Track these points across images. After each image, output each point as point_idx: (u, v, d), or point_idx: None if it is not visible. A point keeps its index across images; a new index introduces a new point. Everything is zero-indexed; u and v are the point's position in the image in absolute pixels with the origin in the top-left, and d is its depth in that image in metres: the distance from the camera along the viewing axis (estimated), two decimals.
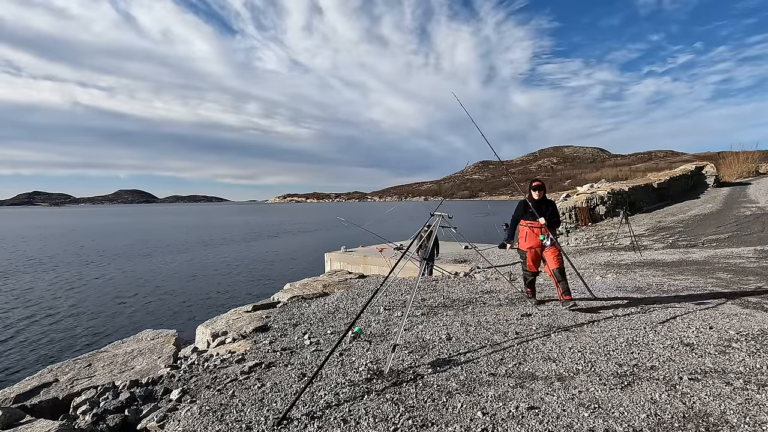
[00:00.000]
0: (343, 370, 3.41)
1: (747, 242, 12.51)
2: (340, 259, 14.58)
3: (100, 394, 3.34)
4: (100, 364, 4.15)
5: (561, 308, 5.24)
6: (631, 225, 14.92)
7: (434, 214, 4.12)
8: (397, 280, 7.78)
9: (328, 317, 5.27)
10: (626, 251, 12.63)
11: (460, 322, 4.65)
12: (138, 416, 2.90)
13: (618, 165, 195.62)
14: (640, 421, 2.40)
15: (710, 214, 20.05)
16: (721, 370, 3.09)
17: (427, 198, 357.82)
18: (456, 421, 2.50)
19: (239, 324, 5.17)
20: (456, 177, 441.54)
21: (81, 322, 13.50)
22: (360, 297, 6.40)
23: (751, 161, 38.74)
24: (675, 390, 2.77)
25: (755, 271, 8.00)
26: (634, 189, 24.77)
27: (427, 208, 4.59)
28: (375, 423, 2.53)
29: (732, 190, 28.00)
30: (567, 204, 22.98)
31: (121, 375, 3.83)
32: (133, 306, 15.53)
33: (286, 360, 3.75)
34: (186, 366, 3.80)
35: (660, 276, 7.96)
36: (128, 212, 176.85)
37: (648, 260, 10.41)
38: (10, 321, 13.56)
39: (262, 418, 2.67)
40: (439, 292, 6.54)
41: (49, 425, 2.76)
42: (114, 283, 19.99)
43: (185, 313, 14.41)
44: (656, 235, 16.20)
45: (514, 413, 2.55)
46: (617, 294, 6.21)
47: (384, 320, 4.94)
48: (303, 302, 6.23)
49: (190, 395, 3.09)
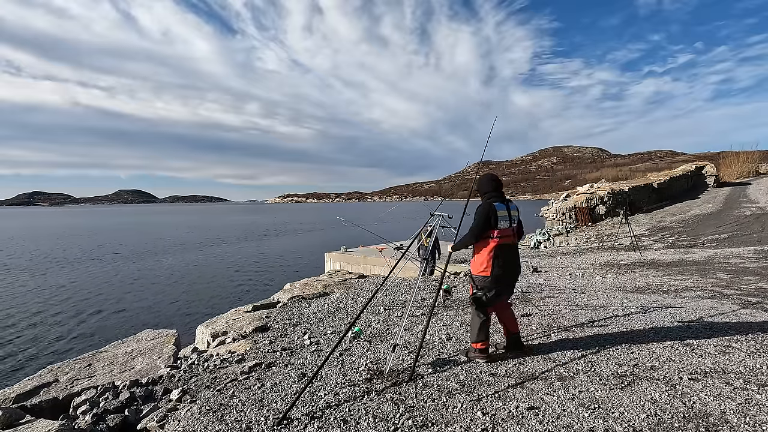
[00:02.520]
0: (343, 370, 3.41)
1: (747, 242, 12.51)
2: (340, 259, 14.57)
3: (100, 394, 3.34)
4: (100, 364, 4.15)
5: (561, 308, 5.24)
6: (631, 225, 14.92)
7: (434, 214, 4.12)
8: (397, 280, 7.78)
9: (328, 317, 5.27)
10: (626, 251, 12.63)
11: (460, 322, 4.65)
12: (138, 416, 2.90)
13: (618, 165, 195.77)
14: (640, 421, 2.40)
15: (710, 214, 20.05)
16: (721, 370, 3.08)
17: (427, 198, 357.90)
18: (456, 421, 2.50)
19: (239, 324, 5.17)
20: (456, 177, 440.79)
21: (81, 322, 13.50)
22: (360, 297, 6.40)
23: (751, 161, 38.76)
24: (675, 390, 2.77)
25: (755, 271, 8.00)
26: (634, 189, 24.78)
27: (427, 208, 4.59)
28: (375, 423, 2.53)
29: (732, 190, 28.00)
30: (567, 204, 22.98)
31: (121, 375, 3.83)
32: (133, 306, 15.53)
33: (286, 360, 3.75)
34: (186, 366, 3.80)
35: (660, 276, 7.96)
36: (128, 212, 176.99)
37: (648, 260, 10.41)
38: (10, 321, 13.56)
39: (262, 418, 2.67)
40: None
41: (49, 425, 2.76)
42: (114, 283, 19.99)
43: (185, 313, 14.41)
44: (656, 235, 16.20)
45: (514, 413, 2.55)
46: (617, 294, 6.21)
47: (384, 320, 4.94)
48: (303, 302, 6.23)
49: (190, 395, 3.09)
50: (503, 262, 3.28)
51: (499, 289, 3.32)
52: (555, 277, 8.24)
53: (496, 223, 3.27)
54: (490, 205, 3.31)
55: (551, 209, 23.19)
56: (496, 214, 3.28)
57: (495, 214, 3.27)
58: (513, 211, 3.41)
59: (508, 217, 3.33)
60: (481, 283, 3.32)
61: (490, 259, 3.27)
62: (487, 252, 3.29)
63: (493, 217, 3.27)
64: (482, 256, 3.32)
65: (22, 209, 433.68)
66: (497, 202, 3.35)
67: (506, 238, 3.32)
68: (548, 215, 22.98)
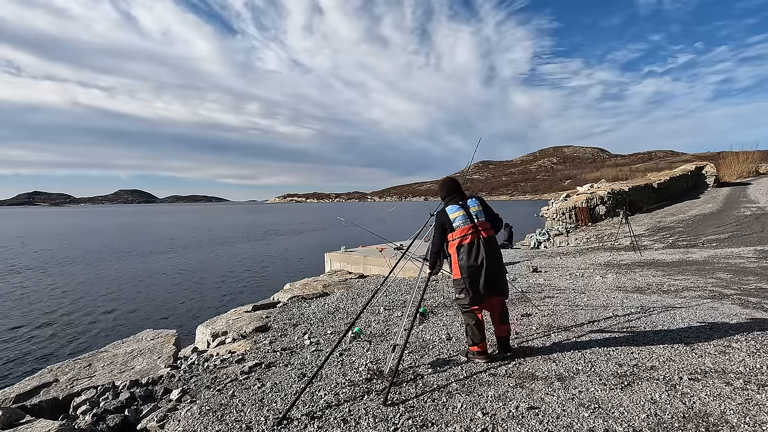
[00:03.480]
0: (343, 370, 3.41)
1: (747, 242, 12.51)
2: (340, 259, 14.56)
3: (100, 394, 3.34)
4: (100, 364, 4.15)
5: (561, 308, 5.24)
6: (631, 225, 14.92)
7: (434, 215, 4.11)
8: (397, 280, 7.78)
9: (328, 317, 5.27)
10: (626, 251, 12.63)
11: (460, 322, 4.65)
12: (138, 416, 2.90)
13: (618, 165, 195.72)
14: (640, 421, 2.40)
15: (710, 214, 20.05)
16: (721, 370, 3.08)
17: (427, 198, 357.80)
18: (456, 421, 2.50)
19: (239, 324, 5.17)
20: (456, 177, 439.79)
21: (81, 322, 13.49)
22: (360, 297, 6.40)
23: (751, 161, 38.76)
24: (675, 390, 2.77)
25: (755, 271, 7.99)
26: (634, 189, 24.78)
27: (427, 208, 4.58)
28: (375, 423, 2.53)
29: (732, 190, 28.00)
30: (567, 204, 22.98)
31: (121, 375, 3.83)
32: (133, 306, 15.52)
33: (286, 360, 3.75)
34: (186, 366, 3.80)
35: (660, 276, 7.96)
36: (128, 212, 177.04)
37: (648, 260, 10.41)
38: (10, 321, 13.56)
39: (262, 418, 2.67)
40: (439, 292, 6.54)
41: (49, 425, 2.76)
42: (114, 282, 19.99)
43: (185, 313, 14.41)
44: (656, 235, 16.20)
45: (514, 413, 2.55)
46: (617, 294, 6.21)
47: (384, 320, 4.95)
48: (303, 302, 6.23)
49: (190, 395, 3.09)
50: (472, 260, 3.24)
51: (478, 288, 3.24)
52: (555, 277, 8.24)
53: (451, 226, 3.33)
54: (441, 212, 3.42)
55: (551, 209, 23.19)
56: (448, 218, 3.34)
57: (447, 219, 3.35)
58: (473, 206, 3.39)
59: (465, 215, 3.32)
60: (458, 286, 3.33)
61: (456, 261, 3.30)
62: (453, 256, 3.33)
63: (446, 223, 3.35)
64: (451, 262, 3.37)
65: (22, 209, 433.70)
66: (450, 204, 3.40)
67: (467, 237, 3.28)
68: (548, 215, 22.99)
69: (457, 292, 3.38)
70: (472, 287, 3.25)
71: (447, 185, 3.56)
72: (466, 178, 5.07)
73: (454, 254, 3.32)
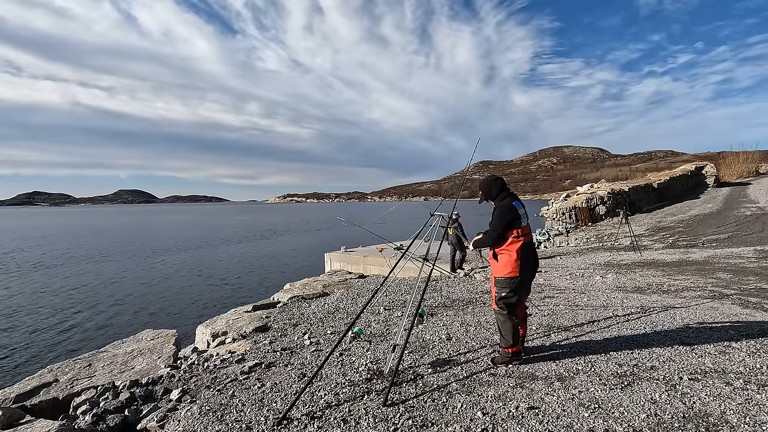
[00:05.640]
0: (343, 370, 3.41)
1: (747, 242, 12.51)
2: (340, 259, 14.57)
3: (100, 394, 3.34)
4: (100, 364, 4.15)
5: (561, 308, 5.24)
6: (631, 225, 14.93)
7: (434, 214, 4.11)
8: (397, 280, 7.78)
9: (328, 317, 5.27)
10: (626, 251, 12.63)
11: (460, 322, 4.65)
12: (138, 416, 2.90)
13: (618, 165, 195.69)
14: (640, 421, 2.40)
15: (710, 214, 20.05)
16: (721, 370, 3.08)
17: (427, 198, 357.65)
18: (456, 421, 2.50)
19: (239, 324, 5.17)
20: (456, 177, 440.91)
21: (81, 322, 13.50)
22: (360, 297, 6.40)
23: (751, 161, 38.78)
24: (675, 390, 2.77)
25: (755, 271, 8.00)
26: (634, 189, 24.78)
27: (427, 208, 4.58)
28: (375, 423, 2.53)
29: (732, 190, 28.00)
30: (567, 204, 22.97)
31: (121, 375, 3.83)
32: (133, 306, 15.53)
33: (286, 360, 3.75)
34: (186, 366, 3.80)
35: (660, 276, 7.96)
36: (128, 212, 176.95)
37: (648, 260, 10.41)
38: (10, 321, 13.56)
39: (262, 418, 2.67)
40: (439, 292, 6.54)
41: (49, 425, 2.76)
42: (114, 283, 19.99)
43: (185, 313, 14.41)
44: (656, 235, 16.20)
45: (514, 413, 2.55)
46: (617, 294, 6.21)
47: (384, 320, 4.94)
48: (303, 302, 6.23)
49: (190, 395, 3.09)
50: (528, 260, 3.24)
51: (525, 288, 3.29)
52: (555, 277, 8.24)
53: (519, 222, 3.23)
54: (510, 205, 3.26)
55: (551, 209, 23.19)
56: (517, 212, 3.23)
57: (516, 214, 3.23)
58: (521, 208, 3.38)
59: (525, 214, 3.32)
60: (509, 284, 3.21)
61: (518, 259, 3.19)
62: (514, 252, 3.20)
63: (516, 218, 3.23)
64: (508, 257, 3.23)
65: (22, 209, 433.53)
66: (514, 201, 3.31)
67: (529, 235, 3.30)
68: (548, 215, 22.99)
69: (507, 290, 3.22)
70: (523, 287, 3.26)
71: (499, 182, 3.47)
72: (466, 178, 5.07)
73: (514, 251, 3.20)
